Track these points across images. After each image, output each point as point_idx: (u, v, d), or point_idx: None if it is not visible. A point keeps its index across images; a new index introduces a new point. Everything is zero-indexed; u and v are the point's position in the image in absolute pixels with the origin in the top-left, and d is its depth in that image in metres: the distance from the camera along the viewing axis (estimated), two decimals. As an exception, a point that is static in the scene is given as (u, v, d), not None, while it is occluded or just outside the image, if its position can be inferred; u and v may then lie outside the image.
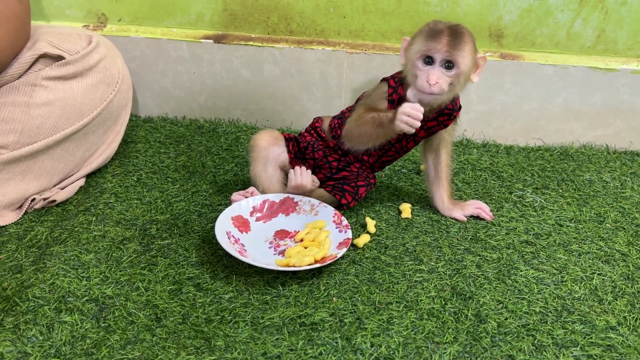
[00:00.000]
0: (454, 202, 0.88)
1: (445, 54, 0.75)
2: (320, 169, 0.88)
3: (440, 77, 0.75)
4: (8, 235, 0.80)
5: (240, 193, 0.86)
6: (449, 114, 0.83)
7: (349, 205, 0.85)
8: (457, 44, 0.74)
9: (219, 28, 1.11)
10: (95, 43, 0.90)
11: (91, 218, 0.83)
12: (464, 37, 0.75)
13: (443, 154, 0.86)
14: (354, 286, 0.72)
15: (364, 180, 0.87)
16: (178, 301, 0.69)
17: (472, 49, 0.77)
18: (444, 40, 0.75)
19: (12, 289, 0.69)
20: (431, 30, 0.76)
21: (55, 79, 0.85)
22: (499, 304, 0.70)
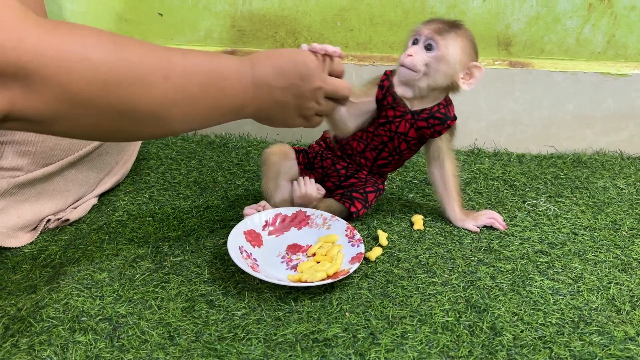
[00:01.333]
0: (466, 212, 0.88)
1: (427, 35, 0.78)
2: (329, 177, 0.88)
3: (418, 53, 0.78)
4: (22, 255, 0.81)
5: (253, 207, 0.86)
6: (441, 119, 0.82)
7: (358, 213, 0.85)
8: (445, 32, 0.78)
9: (228, 44, 1.12)
10: None
11: (104, 236, 0.84)
12: (458, 31, 0.78)
13: (447, 164, 0.86)
14: (366, 300, 0.72)
15: (372, 186, 0.87)
16: (191, 319, 0.69)
17: (463, 45, 0.78)
18: (434, 25, 0.78)
19: (27, 309, 0.70)
20: (431, 19, 0.81)
21: None
22: (514, 316, 0.69)
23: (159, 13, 1.10)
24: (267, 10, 1.08)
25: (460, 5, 1.05)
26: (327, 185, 0.89)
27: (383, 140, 0.84)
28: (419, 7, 1.05)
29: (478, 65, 0.79)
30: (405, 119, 0.82)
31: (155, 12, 1.10)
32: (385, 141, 0.85)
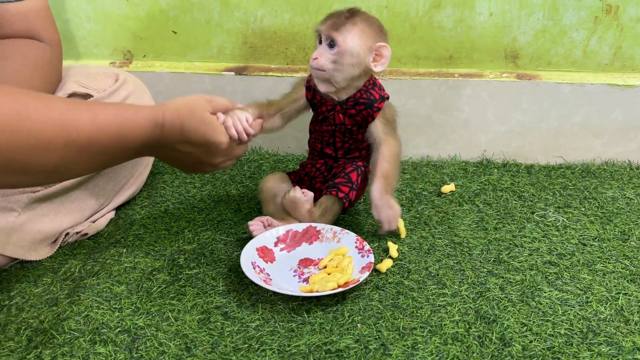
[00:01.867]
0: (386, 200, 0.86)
1: (326, 33, 0.82)
2: (315, 179, 0.92)
3: (322, 54, 0.82)
4: (43, 268, 0.83)
5: (258, 220, 0.88)
6: (366, 104, 0.86)
7: (348, 197, 0.86)
8: (341, 25, 0.82)
9: (240, 60, 1.15)
10: (122, 81, 0.94)
11: (122, 250, 0.86)
12: (353, 20, 0.82)
13: (383, 149, 0.87)
14: (377, 312, 0.73)
15: (351, 165, 0.89)
16: (207, 330, 0.71)
17: (361, 32, 0.82)
18: (330, 21, 0.83)
19: (49, 321, 0.72)
20: (329, 14, 0.84)
21: None
22: (523, 327, 0.70)
23: (172, 31, 1.13)
24: (278, 27, 1.11)
25: (467, 20, 1.06)
26: (317, 187, 0.91)
27: (331, 134, 0.89)
28: (427, 22, 1.07)
29: (383, 44, 0.83)
30: (336, 110, 0.87)
31: (169, 30, 1.13)
32: (332, 133, 0.89)
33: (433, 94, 1.10)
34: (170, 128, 0.71)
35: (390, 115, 0.89)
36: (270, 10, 1.09)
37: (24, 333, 0.70)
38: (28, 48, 0.83)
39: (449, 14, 1.06)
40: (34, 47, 0.84)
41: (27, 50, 0.82)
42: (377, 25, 0.85)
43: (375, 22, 0.85)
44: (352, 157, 0.91)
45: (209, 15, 1.11)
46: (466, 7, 1.06)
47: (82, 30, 1.15)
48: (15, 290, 0.78)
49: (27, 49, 0.82)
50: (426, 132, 1.13)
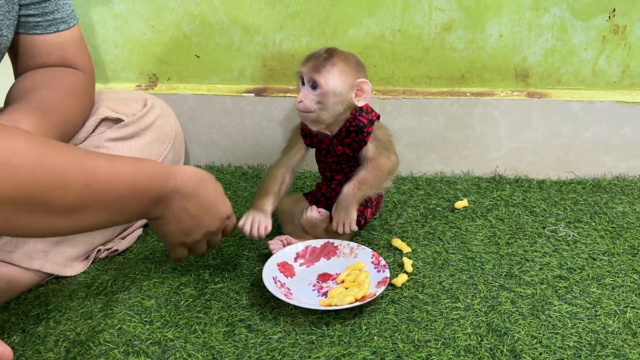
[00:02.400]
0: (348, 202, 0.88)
1: (307, 75, 0.85)
2: (331, 199, 0.95)
3: (306, 97, 0.85)
4: (77, 284, 0.88)
5: (278, 239, 0.92)
6: (356, 130, 0.89)
7: (364, 215, 0.91)
8: (321, 66, 0.85)
9: (259, 82, 1.20)
10: (150, 105, 0.99)
11: (150, 265, 0.91)
12: (332, 60, 0.85)
13: (368, 164, 0.89)
14: (393, 325, 0.77)
15: None
16: (232, 342, 0.75)
17: (341, 72, 0.85)
18: (310, 64, 0.85)
19: (85, 333, 0.77)
20: (308, 56, 0.87)
21: (115, 140, 0.94)
22: (533, 339, 0.74)
23: (196, 55, 1.19)
24: (296, 51, 1.16)
25: (478, 41, 1.10)
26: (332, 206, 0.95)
27: (337, 163, 0.93)
28: (439, 44, 1.11)
29: (364, 80, 0.87)
30: (333, 143, 0.91)
31: (192, 55, 1.19)
32: (338, 162, 0.93)
33: (446, 112, 1.14)
34: (187, 180, 0.75)
35: (382, 135, 0.91)
36: (289, 34, 1.14)
37: (62, 345, 0.75)
38: (66, 77, 0.88)
39: (460, 36, 1.10)
40: (71, 75, 0.89)
41: (65, 78, 0.88)
42: (355, 62, 0.88)
43: (352, 59, 0.88)
44: None
45: (230, 40, 1.16)
46: (477, 29, 1.10)
47: (110, 55, 1.21)
48: (52, 304, 0.84)
49: (64, 78, 0.88)
50: (439, 149, 1.17)
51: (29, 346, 0.76)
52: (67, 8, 0.89)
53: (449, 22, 1.10)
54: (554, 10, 1.07)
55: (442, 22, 1.10)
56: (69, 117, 0.86)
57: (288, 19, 1.13)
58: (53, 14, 0.87)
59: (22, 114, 0.78)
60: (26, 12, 0.85)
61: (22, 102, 0.81)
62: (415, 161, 1.18)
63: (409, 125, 1.15)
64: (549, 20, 1.08)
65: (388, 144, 0.92)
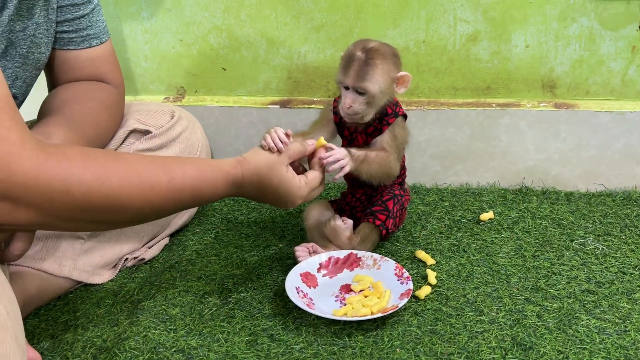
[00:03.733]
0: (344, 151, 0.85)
1: (353, 85, 0.86)
2: (355, 209, 0.96)
3: (355, 101, 0.86)
4: (105, 291, 0.90)
5: (303, 246, 0.93)
6: (380, 119, 0.90)
7: (385, 225, 0.91)
8: (365, 74, 0.85)
9: (284, 94, 1.21)
10: (177, 117, 1.01)
11: (176, 274, 0.92)
12: (373, 63, 0.85)
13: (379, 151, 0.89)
14: (416, 337, 0.77)
15: (388, 194, 0.93)
16: (254, 351, 0.75)
17: (384, 71, 0.86)
18: (353, 72, 0.85)
19: (111, 340, 0.79)
20: (346, 60, 0.87)
21: (144, 151, 0.96)
22: (559, 354, 0.72)
23: (222, 68, 1.21)
24: (320, 63, 1.17)
25: (503, 52, 1.10)
26: (358, 216, 0.96)
27: None
28: (464, 55, 1.11)
29: (403, 73, 0.88)
30: (358, 132, 0.92)
31: (219, 67, 1.21)
32: None
33: (471, 123, 1.13)
34: (249, 185, 0.76)
35: (401, 135, 0.92)
36: (313, 47, 1.16)
37: (89, 351, 0.77)
38: (97, 91, 0.91)
39: (485, 47, 1.10)
40: (102, 89, 0.92)
41: (96, 92, 0.91)
42: (391, 54, 0.88)
43: (389, 52, 0.88)
44: None
45: (256, 53, 1.18)
46: (502, 40, 1.09)
47: (140, 68, 1.24)
48: (80, 311, 0.86)
49: (96, 91, 0.91)
50: (465, 161, 1.16)
51: (58, 352, 0.77)
52: (100, 24, 0.92)
53: (474, 33, 1.09)
54: (582, 20, 1.06)
55: (467, 34, 1.09)
56: (100, 130, 0.88)
57: (313, 32, 1.14)
58: (86, 30, 0.90)
59: (55, 127, 0.81)
60: (61, 28, 0.88)
61: (55, 115, 0.84)
62: (441, 172, 1.18)
63: (433, 136, 1.15)
64: (576, 30, 1.06)
65: (400, 147, 0.92)
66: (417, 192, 1.15)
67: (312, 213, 0.96)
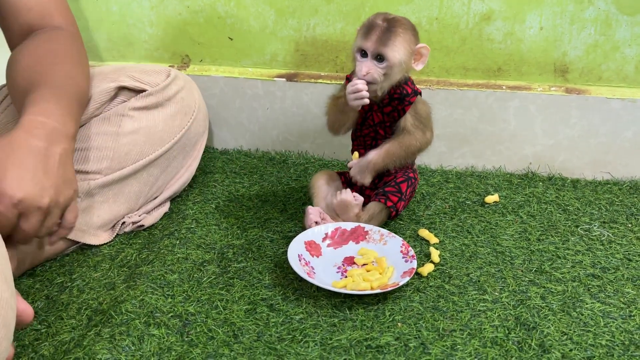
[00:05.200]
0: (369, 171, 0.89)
1: (374, 49, 0.84)
2: (366, 186, 0.94)
3: (372, 68, 0.85)
4: (102, 255, 0.89)
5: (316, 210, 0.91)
6: (399, 98, 0.89)
7: (396, 207, 0.89)
8: (387, 39, 0.84)
9: (291, 67, 1.19)
10: (173, 76, 1.00)
11: (175, 241, 0.91)
12: (395, 31, 0.84)
13: (403, 137, 0.89)
14: (418, 313, 0.75)
15: (402, 176, 0.92)
16: (253, 320, 0.74)
17: (405, 41, 0.84)
18: (374, 36, 0.84)
19: (107, 303, 0.77)
20: (366, 27, 0.86)
21: (139, 109, 0.94)
22: (563, 335, 0.71)
23: (229, 37, 1.19)
24: (330, 36, 1.14)
25: (517, 33, 1.08)
26: (367, 193, 0.94)
27: (372, 138, 0.92)
28: (476, 34, 1.09)
29: (423, 45, 0.86)
30: (373, 110, 0.90)
31: (225, 37, 1.19)
32: (374, 137, 0.92)
33: (480, 105, 1.11)
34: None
35: (423, 110, 0.90)
36: (323, 19, 1.13)
37: (85, 312, 0.76)
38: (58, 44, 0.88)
39: (499, 27, 1.08)
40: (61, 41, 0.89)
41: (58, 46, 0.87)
42: (411, 27, 0.87)
43: (409, 25, 0.87)
44: None
45: (264, 24, 1.16)
46: (517, 21, 1.07)
47: (144, 34, 1.22)
48: (77, 273, 0.84)
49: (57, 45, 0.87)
50: (472, 143, 1.14)
51: (52, 312, 0.76)
52: None
53: (488, 12, 1.07)
54: (599, 3, 1.03)
55: (481, 12, 1.07)
56: (81, 89, 0.86)
57: (324, 3, 1.12)
58: None
59: (50, 102, 0.78)
60: None
61: (43, 87, 0.80)
62: (447, 154, 1.16)
63: (441, 117, 1.13)
64: (592, 13, 1.04)
65: (426, 120, 0.91)
66: (421, 173, 1.13)
67: (320, 182, 0.95)
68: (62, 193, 0.74)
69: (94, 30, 1.23)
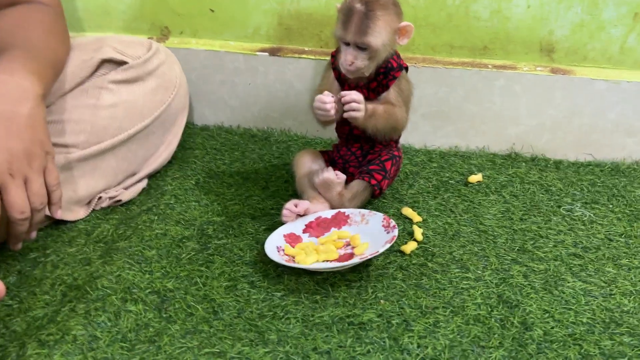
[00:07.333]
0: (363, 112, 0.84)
1: (353, 41, 0.82)
2: (349, 163, 0.93)
3: (356, 57, 0.83)
4: (77, 230, 0.86)
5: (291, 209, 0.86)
6: (384, 72, 0.87)
7: (380, 185, 0.88)
8: (366, 27, 0.81)
9: (274, 41, 1.16)
10: (154, 49, 0.96)
11: (153, 217, 0.88)
12: (374, 15, 0.81)
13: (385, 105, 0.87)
14: (401, 290, 0.75)
15: (386, 154, 0.91)
16: (233, 297, 0.73)
17: (386, 23, 0.82)
18: (353, 27, 0.81)
19: (82, 279, 0.75)
20: (344, 14, 0.83)
21: (119, 82, 0.91)
22: (545, 313, 0.71)
23: (210, 9, 1.15)
24: (314, 10, 1.12)
25: (504, 11, 1.06)
26: (350, 171, 0.93)
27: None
28: (463, 11, 1.07)
29: (405, 24, 0.84)
30: (359, 86, 0.88)
31: (207, 8, 1.15)
32: None
33: (465, 84, 1.10)
34: None
35: (406, 89, 0.89)
36: (308, -8, 1.10)
37: (59, 288, 0.73)
38: (38, 15, 0.84)
39: (486, 5, 1.06)
40: (43, 13, 0.85)
41: (39, 16, 0.84)
42: (392, 3, 0.84)
43: (389, 2, 0.83)
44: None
45: (247, -5, 1.13)
46: (504, -2, 1.05)
47: (122, 4, 1.17)
48: (51, 248, 0.81)
49: (38, 15, 0.84)
50: (456, 122, 1.13)
51: (25, 287, 0.73)
52: None
53: (476, -12, 1.05)
54: (586, -18, 1.03)
55: (469, -11, 1.06)
56: (56, 55, 0.83)
57: (308, -24, 1.09)
58: None
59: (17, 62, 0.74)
60: None
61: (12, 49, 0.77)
62: (430, 133, 1.15)
63: (426, 95, 1.12)
64: (580, -8, 1.03)
65: (407, 100, 0.89)
66: (405, 152, 1.12)
67: (302, 160, 0.93)
68: (35, 155, 0.70)
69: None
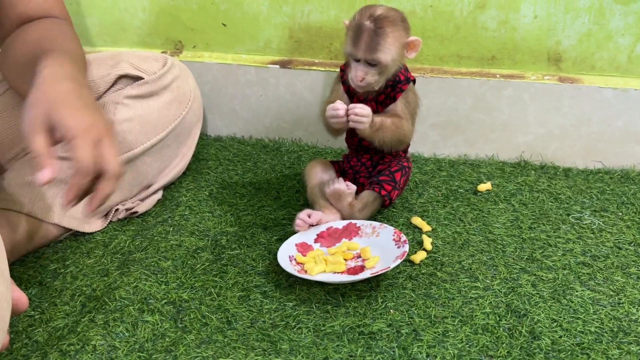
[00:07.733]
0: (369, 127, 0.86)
1: (365, 57, 0.83)
2: (359, 173, 0.94)
3: (367, 73, 0.84)
4: (95, 242, 0.89)
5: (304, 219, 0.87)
6: (392, 85, 0.89)
7: (390, 196, 0.90)
8: (376, 44, 0.82)
9: (285, 54, 1.18)
10: (169, 65, 0.99)
11: (168, 228, 0.91)
12: (384, 32, 0.83)
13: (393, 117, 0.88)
14: (410, 300, 0.76)
15: (396, 165, 0.93)
16: (246, 307, 0.74)
17: (395, 39, 0.84)
18: (363, 44, 0.83)
19: (101, 290, 0.77)
20: (354, 31, 0.84)
21: (134, 97, 0.94)
22: (553, 322, 0.72)
23: (222, 23, 1.18)
24: (324, 23, 1.14)
25: (511, 21, 1.07)
26: (361, 182, 0.94)
27: None
28: (471, 23, 1.09)
29: (413, 38, 0.86)
30: (368, 99, 0.90)
31: (219, 23, 1.18)
32: None
33: (474, 93, 1.11)
34: None
35: (413, 101, 0.91)
36: (317, 6, 1.12)
37: (78, 299, 0.76)
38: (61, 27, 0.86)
39: (493, 15, 1.08)
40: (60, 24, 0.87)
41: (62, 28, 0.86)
42: (400, 19, 0.86)
43: (397, 18, 0.85)
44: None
45: (258, 10, 1.15)
46: (511, 9, 1.07)
47: (137, 20, 1.21)
48: (70, 260, 0.84)
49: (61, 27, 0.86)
50: (465, 131, 1.15)
51: (46, 299, 0.76)
52: None
53: (483, 0, 1.07)
54: (593, -8, 1.03)
55: (476, 0, 1.07)
56: (85, 64, 0.85)
57: (318, -10, 1.11)
58: None
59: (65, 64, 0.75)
60: None
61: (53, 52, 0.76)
62: (439, 142, 1.16)
63: (435, 105, 1.13)
64: (586, 2, 1.04)
65: (414, 112, 0.91)
66: (415, 161, 1.14)
67: (314, 170, 0.95)
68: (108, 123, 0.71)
69: (86, 15, 1.22)
